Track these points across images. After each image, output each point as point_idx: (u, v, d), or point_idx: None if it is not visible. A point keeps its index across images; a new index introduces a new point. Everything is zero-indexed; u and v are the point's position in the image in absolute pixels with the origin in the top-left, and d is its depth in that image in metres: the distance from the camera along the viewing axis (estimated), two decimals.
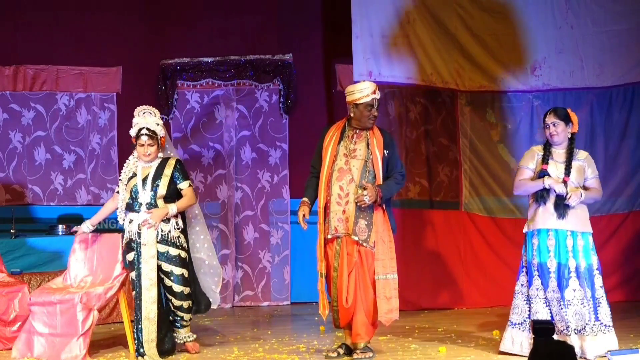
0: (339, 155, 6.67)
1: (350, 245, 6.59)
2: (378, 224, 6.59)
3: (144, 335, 6.68)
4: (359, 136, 6.71)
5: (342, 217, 6.59)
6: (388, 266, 6.61)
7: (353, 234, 6.54)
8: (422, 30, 8.93)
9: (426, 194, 9.14)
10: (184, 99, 9.51)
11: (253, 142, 9.54)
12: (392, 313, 6.60)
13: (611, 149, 9.18)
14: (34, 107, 9.36)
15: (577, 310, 6.39)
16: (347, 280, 6.58)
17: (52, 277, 7.80)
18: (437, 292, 8.97)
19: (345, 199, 6.58)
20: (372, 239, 6.56)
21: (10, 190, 9.29)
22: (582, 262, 6.46)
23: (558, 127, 6.53)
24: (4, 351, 7.16)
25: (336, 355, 6.71)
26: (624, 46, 9.09)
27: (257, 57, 9.50)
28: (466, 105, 9.12)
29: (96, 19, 9.41)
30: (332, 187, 6.62)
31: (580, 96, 9.15)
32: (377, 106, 6.73)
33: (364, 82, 6.85)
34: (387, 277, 6.60)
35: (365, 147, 6.66)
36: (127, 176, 6.87)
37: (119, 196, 6.95)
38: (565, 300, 6.39)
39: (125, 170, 6.91)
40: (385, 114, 9.16)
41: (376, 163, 6.62)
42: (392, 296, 6.60)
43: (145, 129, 6.76)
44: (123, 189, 6.88)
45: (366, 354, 6.63)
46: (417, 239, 9.01)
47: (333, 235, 6.61)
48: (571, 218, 6.48)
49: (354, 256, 6.58)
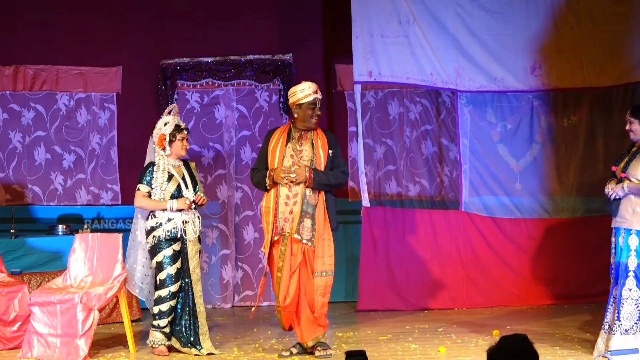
0: (286, 157, 6.83)
1: (295, 245, 6.75)
2: (319, 222, 6.76)
3: (200, 329, 6.99)
4: (304, 138, 6.89)
5: (288, 217, 6.76)
6: (326, 263, 6.82)
7: (296, 233, 6.71)
8: (421, 30, 8.93)
9: (426, 194, 9.14)
10: (184, 99, 9.50)
11: (253, 142, 9.54)
12: (324, 307, 6.85)
13: (611, 149, 9.16)
14: (34, 107, 9.36)
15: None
16: (289, 280, 6.75)
17: (52, 277, 7.80)
18: (437, 292, 8.97)
19: (293, 199, 6.76)
20: (316, 238, 6.75)
21: (10, 190, 9.28)
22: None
23: (633, 125, 6.64)
24: (4, 351, 7.16)
25: (289, 354, 6.87)
26: (624, 46, 9.09)
27: (257, 57, 9.50)
28: (466, 105, 9.12)
29: (96, 19, 9.41)
30: (280, 189, 6.79)
31: (580, 96, 9.14)
32: (320, 106, 6.89)
33: (305, 82, 6.97)
34: (323, 275, 6.81)
35: (311, 148, 6.85)
36: (165, 177, 7.03)
37: (156, 197, 7.02)
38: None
39: (159, 171, 7.04)
40: (385, 114, 9.17)
41: (319, 163, 6.81)
42: (325, 292, 6.84)
43: (184, 125, 7.15)
44: (160, 189, 7.00)
45: (327, 351, 6.79)
46: (417, 239, 9.01)
47: (280, 235, 6.76)
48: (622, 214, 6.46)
49: (298, 257, 6.75)
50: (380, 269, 8.91)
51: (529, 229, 9.06)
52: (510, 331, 6.38)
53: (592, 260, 9.03)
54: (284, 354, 6.87)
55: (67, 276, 7.33)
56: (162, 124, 7.12)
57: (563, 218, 9.12)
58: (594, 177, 9.12)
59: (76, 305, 6.78)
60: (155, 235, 6.96)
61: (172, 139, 7.06)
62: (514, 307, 8.85)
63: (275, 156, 6.83)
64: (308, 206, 6.75)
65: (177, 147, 7.07)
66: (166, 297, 6.95)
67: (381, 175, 9.10)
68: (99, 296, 6.92)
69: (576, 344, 7.02)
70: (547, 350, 6.74)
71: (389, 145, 9.18)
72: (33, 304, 6.94)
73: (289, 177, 6.72)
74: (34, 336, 6.88)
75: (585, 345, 6.97)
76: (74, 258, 7.37)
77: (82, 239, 7.43)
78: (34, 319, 6.90)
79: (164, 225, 6.96)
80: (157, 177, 7.03)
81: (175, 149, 7.07)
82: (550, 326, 7.84)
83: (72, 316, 6.79)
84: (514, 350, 3.54)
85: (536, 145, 9.15)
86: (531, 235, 9.06)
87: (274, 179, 6.77)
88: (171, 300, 6.96)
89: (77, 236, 7.53)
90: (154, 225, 6.98)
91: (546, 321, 8.11)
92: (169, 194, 7.00)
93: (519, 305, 8.88)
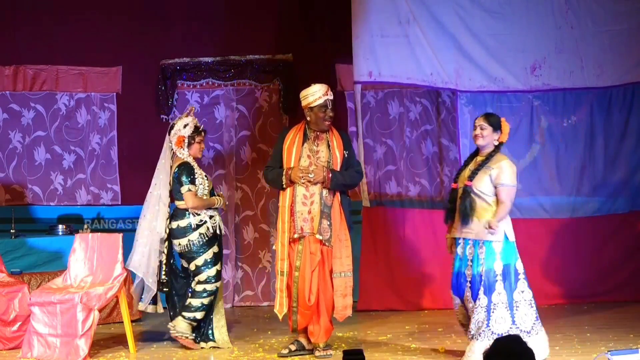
0: (303, 156, 6.83)
1: (313, 244, 6.76)
2: (335, 223, 6.78)
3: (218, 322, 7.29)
4: (320, 138, 6.90)
5: (307, 217, 6.76)
6: (345, 264, 6.82)
7: (318, 234, 6.71)
8: (421, 30, 8.93)
9: (426, 194, 9.14)
10: (184, 99, 9.50)
11: (253, 142, 9.54)
12: (346, 310, 6.84)
13: (611, 149, 9.17)
14: (34, 107, 9.37)
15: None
16: (311, 278, 6.74)
17: (52, 277, 7.81)
18: (437, 292, 8.96)
19: (311, 199, 6.76)
20: (333, 238, 6.75)
21: (10, 190, 9.29)
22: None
23: (484, 131, 6.49)
24: (4, 351, 7.16)
25: (287, 351, 6.88)
26: (624, 46, 9.09)
27: (257, 57, 9.51)
28: (466, 105, 9.12)
29: (96, 19, 9.41)
30: (297, 188, 6.78)
31: (580, 96, 9.14)
32: (332, 107, 6.87)
33: (316, 85, 6.97)
34: (342, 275, 6.81)
35: (327, 149, 6.86)
36: (203, 175, 7.27)
37: (198, 194, 7.21)
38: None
39: (198, 172, 7.24)
40: (385, 114, 9.17)
41: (336, 163, 6.82)
42: (347, 294, 6.83)
43: (203, 127, 7.39)
44: (202, 188, 7.20)
45: (327, 351, 6.82)
46: (417, 239, 9.01)
47: (299, 235, 6.76)
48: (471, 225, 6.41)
49: (317, 255, 6.76)
50: (380, 269, 8.91)
51: (529, 229, 9.05)
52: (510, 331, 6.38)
53: (592, 260, 9.05)
54: (283, 352, 6.88)
55: (67, 276, 7.33)
56: (181, 125, 7.25)
57: (563, 218, 9.12)
58: (594, 177, 9.13)
59: (76, 305, 6.78)
60: (201, 232, 7.13)
61: (190, 141, 7.25)
62: None
63: (292, 155, 6.82)
64: (325, 206, 6.75)
65: (195, 149, 7.30)
66: (213, 291, 7.13)
67: (381, 175, 9.10)
68: (99, 296, 6.92)
69: (576, 344, 7.02)
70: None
71: (389, 145, 9.18)
72: (33, 304, 6.94)
73: (307, 177, 6.73)
74: (34, 336, 6.88)
75: (585, 345, 6.97)
76: (74, 258, 7.37)
77: (82, 239, 7.43)
78: (34, 319, 6.90)
79: (207, 222, 7.16)
80: (198, 173, 7.24)
81: (193, 150, 7.29)
82: (550, 326, 7.82)
83: (72, 316, 6.79)
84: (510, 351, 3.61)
85: (536, 145, 9.15)
86: (531, 235, 9.05)
87: (291, 178, 6.77)
88: (212, 296, 7.17)
89: (77, 236, 7.53)
90: (197, 222, 7.14)
91: (546, 321, 8.09)
92: (209, 192, 7.26)
93: None
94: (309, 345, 6.92)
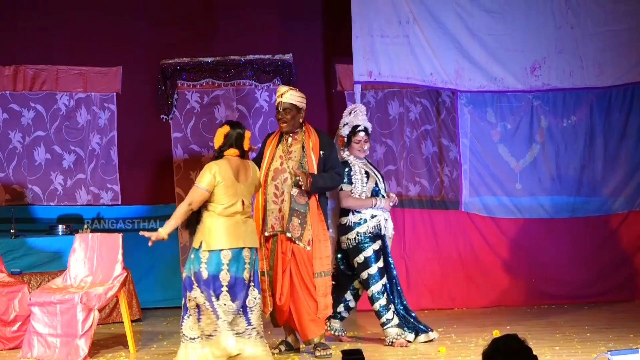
0: (276, 157, 6.89)
1: (284, 243, 6.78)
2: (314, 223, 6.79)
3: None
4: (295, 139, 6.93)
5: (278, 215, 6.80)
6: (324, 264, 6.86)
7: (287, 231, 6.73)
8: (421, 30, 8.93)
9: (426, 194, 9.15)
10: (184, 99, 9.50)
11: (253, 142, 9.49)
12: (327, 309, 6.88)
13: (611, 149, 9.17)
14: (33, 107, 9.36)
15: None
16: (282, 278, 6.76)
17: (52, 277, 7.80)
18: (437, 292, 8.97)
19: (281, 197, 6.80)
20: (306, 237, 6.75)
21: (10, 190, 9.28)
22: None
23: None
24: (4, 351, 7.16)
25: (277, 351, 6.88)
26: (624, 46, 9.09)
27: (257, 57, 9.50)
28: (466, 105, 9.12)
29: (96, 19, 9.40)
30: (268, 187, 6.83)
31: (580, 96, 9.14)
32: (284, 109, 6.88)
33: (281, 86, 7.06)
34: (323, 275, 6.84)
35: (301, 149, 6.89)
36: (362, 174, 7.24)
37: (356, 194, 7.18)
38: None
39: (357, 171, 7.22)
40: (385, 114, 9.17)
41: (310, 164, 6.83)
42: (327, 293, 6.86)
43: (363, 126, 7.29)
44: (360, 186, 7.17)
45: (327, 351, 6.78)
46: (417, 239, 9.02)
47: (270, 233, 6.79)
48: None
49: (288, 255, 6.77)
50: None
51: (529, 229, 9.06)
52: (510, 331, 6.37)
53: (592, 260, 9.05)
54: (272, 352, 6.80)
55: (67, 276, 7.33)
56: (342, 124, 7.33)
57: (563, 218, 9.12)
58: (594, 177, 9.14)
59: (76, 305, 6.78)
60: (359, 231, 7.14)
61: (349, 141, 7.26)
62: (514, 307, 8.85)
63: (266, 157, 6.90)
64: (295, 204, 6.76)
65: (356, 148, 7.29)
66: (381, 290, 7.12)
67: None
68: (99, 296, 6.92)
69: (576, 344, 7.01)
70: (547, 350, 6.73)
71: (389, 145, 9.19)
72: (33, 304, 6.93)
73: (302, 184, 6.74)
74: (34, 336, 6.88)
75: (585, 345, 6.96)
76: (74, 258, 7.36)
77: (82, 239, 7.42)
78: (34, 319, 6.90)
79: (368, 221, 7.15)
80: (357, 172, 7.22)
81: (352, 149, 7.28)
82: (550, 326, 7.83)
83: (72, 316, 6.78)
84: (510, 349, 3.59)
85: (536, 145, 9.15)
86: (531, 235, 9.06)
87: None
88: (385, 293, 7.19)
89: (77, 236, 7.53)
90: (356, 221, 7.15)
91: (546, 321, 8.11)
92: (369, 191, 7.22)
93: (519, 305, 8.88)
94: (296, 344, 6.98)
